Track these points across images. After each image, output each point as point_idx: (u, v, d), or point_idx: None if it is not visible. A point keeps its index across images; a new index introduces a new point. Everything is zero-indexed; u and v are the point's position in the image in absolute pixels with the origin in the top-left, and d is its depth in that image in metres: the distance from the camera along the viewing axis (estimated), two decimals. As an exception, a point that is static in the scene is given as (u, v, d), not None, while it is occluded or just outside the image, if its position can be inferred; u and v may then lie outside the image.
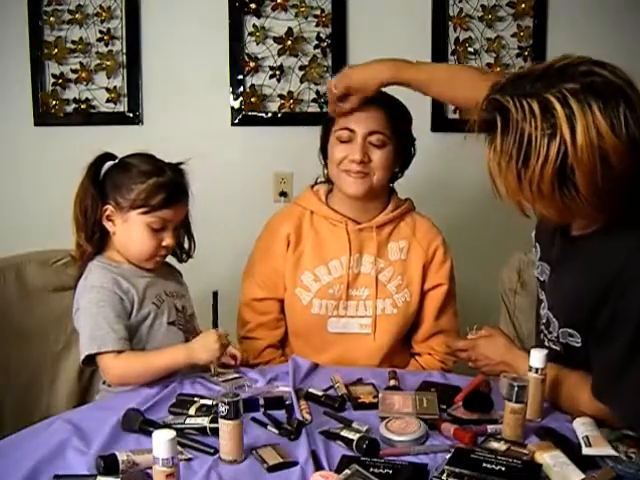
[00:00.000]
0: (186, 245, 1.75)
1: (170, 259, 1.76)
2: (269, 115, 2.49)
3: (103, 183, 1.64)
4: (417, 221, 1.85)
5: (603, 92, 1.15)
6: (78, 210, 1.64)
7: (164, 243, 1.63)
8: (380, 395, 1.46)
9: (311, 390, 1.49)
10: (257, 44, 2.45)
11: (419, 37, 2.45)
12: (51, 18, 2.43)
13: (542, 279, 1.50)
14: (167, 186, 1.60)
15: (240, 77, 2.47)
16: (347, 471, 1.13)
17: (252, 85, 2.47)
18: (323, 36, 2.44)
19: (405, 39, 2.46)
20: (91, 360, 1.56)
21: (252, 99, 2.47)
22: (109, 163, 1.66)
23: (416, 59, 2.45)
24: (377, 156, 1.74)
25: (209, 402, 1.39)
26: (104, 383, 1.66)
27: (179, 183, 1.65)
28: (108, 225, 1.63)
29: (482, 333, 1.58)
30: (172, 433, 1.07)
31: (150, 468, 1.11)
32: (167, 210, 1.61)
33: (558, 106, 1.15)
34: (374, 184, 1.75)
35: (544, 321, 1.49)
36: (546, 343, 1.49)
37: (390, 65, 1.71)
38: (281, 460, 1.21)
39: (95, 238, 1.64)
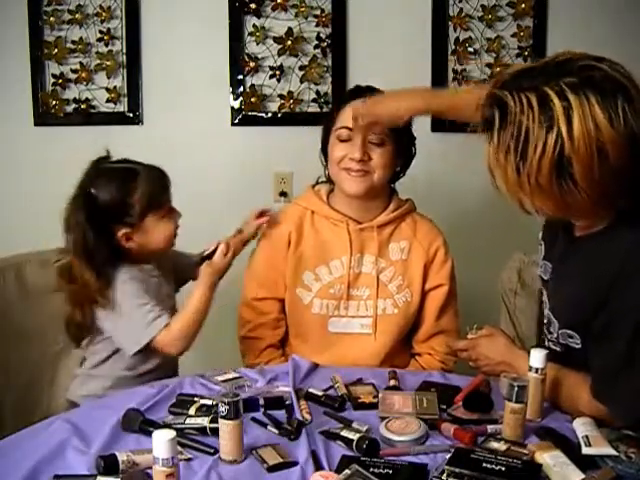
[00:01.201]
0: None
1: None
2: (269, 115, 2.49)
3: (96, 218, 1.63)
4: (418, 221, 1.85)
5: (601, 86, 1.16)
6: (83, 254, 1.62)
7: (177, 220, 1.71)
8: (380, 395, 1.45)
9: (311, 390, 1.49)
10: (257, 44, 2.44)
11: (419, 37, 2.45)
12: (51, 18, 2.42)
13: (545, 278, 1.50)
14: (153, 180, 1.65)
15: (240, 77, 2.47)
16: (347, 471, 1.13)
17: (252, 85, 2.47)
18: (323, 36, 2.44)
19: (405, 39, 2.46)
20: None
21: (252, 99, 2.47)
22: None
23: (416, 59, 2.47)
24: (377, 154, 1.74)
25: (209, 402, 1.39)
26: (81, 366, 1.70)
27: (156, 170, 1.68)
28: (129, 244, 1.65)
29: (483, 333, 1.58)
30: (172, 433, 1.07)
31: (150, 468, 1.11)
32: (166, 196, 1.68)
33: (555, 99, 1.15)
34: (374, 183, 1.75)
35: (546, 321, 1.49)
36: (546, 343, 1.49)
37: (419, 96, 1.72)
38: (281, 460, 1.21)
39: (104, 271, 1.64)
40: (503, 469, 1.13)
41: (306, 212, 1.84)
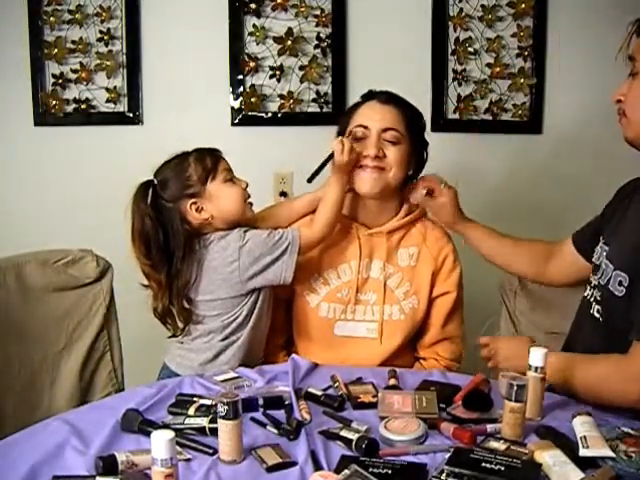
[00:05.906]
0: None
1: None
2: (269, 115, 2.49)
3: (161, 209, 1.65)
4: (428, 228, 1.84)
5: None
6: (147, 239, 1.63)
7: (243, 186, 1.72)
8: (380, 395, 1.45)
9: (310, 390, 1.49)
10: (257, 44, 2.44)
11: (419, 37, 2.45)
12: (51, 18, 2.42)
13: (597, 263, 1.58)
14: (203, 151, 1.71)
15: (240, 77, 2.47)
16: (346, 471, 1.13)
17: (252, 85, 2.47)
18: (323, 36, 2.44)
19: (405, 39, 2.46)
20: None
21: (252, 99, 2.47)
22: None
23: (416, 59, 2.46)
24: (392, 152, 1.73)
25: (208, 402, 1.39)
26: (173, 336, 1.73)
27: (207, 147, 1.74)
28: (203, 215, 1.67)
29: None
30: (171, 433, 1.06)
31: (149, 468, 1.11)
32: (220, 162, 1.71)
33: None
34: (389, 180, 1.74)
35: (598, 273, 1.56)
36: (593, 306, 1.55)
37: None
38: (280, 460, 1.21)
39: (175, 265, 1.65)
40: (502, 468, 1.13)
41: None
